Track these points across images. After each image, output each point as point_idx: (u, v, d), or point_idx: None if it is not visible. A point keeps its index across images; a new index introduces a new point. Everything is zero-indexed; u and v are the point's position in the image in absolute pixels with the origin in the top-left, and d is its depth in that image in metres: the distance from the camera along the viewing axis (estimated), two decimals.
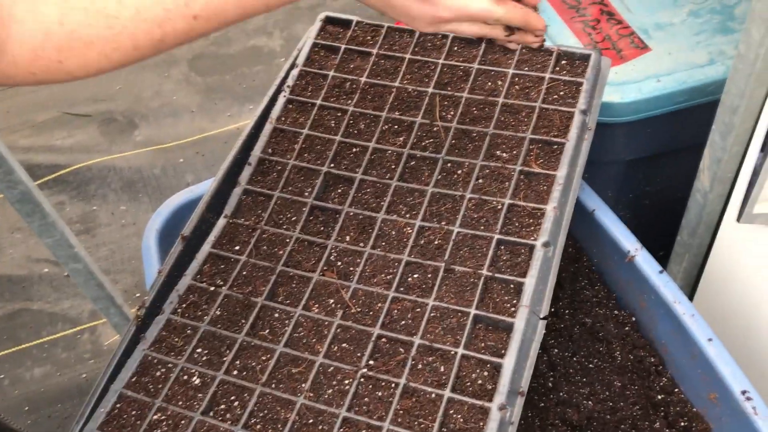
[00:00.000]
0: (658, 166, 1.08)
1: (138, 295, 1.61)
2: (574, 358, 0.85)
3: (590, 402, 0.81)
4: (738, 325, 0.92)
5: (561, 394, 0.83)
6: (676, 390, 0.81)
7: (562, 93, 0.79)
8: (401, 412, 0.62)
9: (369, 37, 0.89)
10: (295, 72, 0.88)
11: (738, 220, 0.78)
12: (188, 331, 0.71)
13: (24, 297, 1.63)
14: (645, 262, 0.79)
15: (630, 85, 0.94)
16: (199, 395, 0.67)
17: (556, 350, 0.86)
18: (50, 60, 0.52)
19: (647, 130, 0.98)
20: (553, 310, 0.88)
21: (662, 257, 1.11)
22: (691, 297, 1.05)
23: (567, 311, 0.88)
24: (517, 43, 0.69)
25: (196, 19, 0.55)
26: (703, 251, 0.99)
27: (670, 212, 1.05)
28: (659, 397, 0.81)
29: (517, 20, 0.65)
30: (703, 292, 1.00)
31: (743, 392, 0.69)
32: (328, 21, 0.92)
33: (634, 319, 0.85)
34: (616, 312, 0.87)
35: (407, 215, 0.75)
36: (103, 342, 1.54)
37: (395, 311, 0.69)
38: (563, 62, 0.82)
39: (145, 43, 0.54)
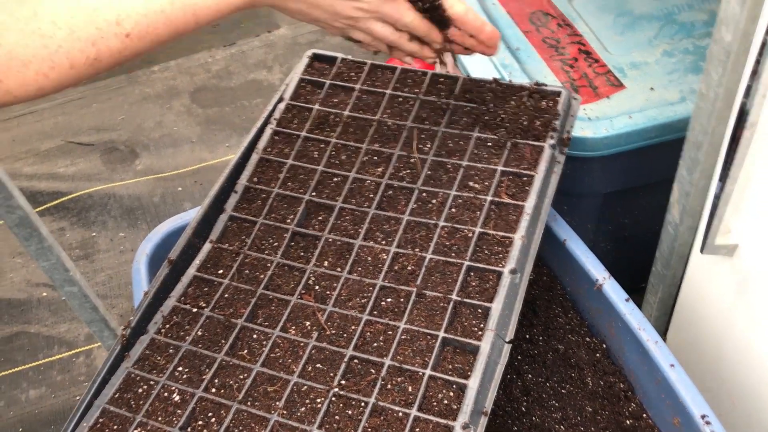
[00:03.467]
0: (634, 199, 1.11)
1: None
2: (547, 384, 0.88)
3: (562, 427, 0.84)
4: (709, 353, 0.95)
5: (534, 418, 0.85)
6: (644, 415, 0.83)
7: (533, 128, 0.82)
8: (369, 429, 0.65)
9: (353, 74, 0.93)
10: (282, 105, 0.92)
11: (701, 251, 0.81)
12: (170, 350, 0.75)
13: (22, 320, 1.66)
14: (612, 290, 0.82)
15: (603, 121, 0.98)
16: (179, 411, 0.70)
17: (529, 375, 0.89)
18: None
19: (621, 164, 1.02)
20: (527, 336, 0.91)
21: (643, 289, 1.14)
22: (666, 327, 1.08)
23: (541, 338, 0.91)
24: (415, 56, 0.77)
25: (129, 37, 0.59)
26: (677, 282, 1.02)
27: (648, 244, 1.08)
28: (628, 422, 0.83)
29: (423, 30, 0.73)
30: (677, 322, 1.03)
31: (703, 416, 0.72)
32: (315, 58, 0.96)
33: (604, 345, 0.88)
34: (587, 339, 0.89)
35: (383, 242, 0.79)
36: (97, 365, 1.57)
37: (368, 333, 0.72)
38: (536, 98, 0.86)
39: (81, 61, 0.57)
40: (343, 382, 0.69)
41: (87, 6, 0.57)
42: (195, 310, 0.78)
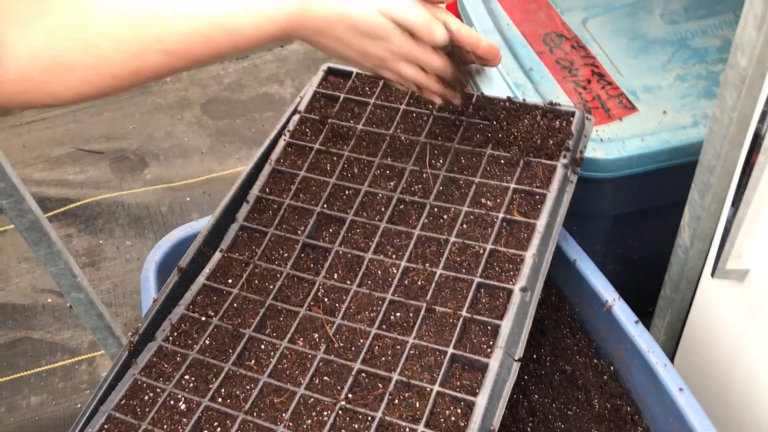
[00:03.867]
0: (644, 222, 1.11)
1: None
2: (554, 405, 0.87)
3: None
4: (717, 379, 0.94)
5: None
6: None
7: (546, 147, 0.83)
8: None
9: (367, 88, 0.94)
10: (296, 118, 0.93)
11: (712, 275, 0.81)
12: (178, 359, 0.74)
13: (26, 326, 1.66)
14: (621, 311, 0.82)
15: (615, 142, 0.98)
16: (184, 420, 0.69)
17: (536, 396, 0.88)
18: (36, 81, 0.57)
19: (632, 186, 1.02)
20: (535, 356, 0.91)
21: (651, 313, 1.14)
22: (674, 351, 1.07)
23: (548, 358, 0.91)
24: (442, 99, 0.78)
25: (170, 55, 0.61)
26: (685, 306, 1.01)
27: (657, 267, 1.08)
28: None
29: (450, 75, 0.75)
30: (685, 346, 1.02)
31: None
32: (330, 72, 0.97)
33: (612, 368, 0.87)
34: (595, 361, 0.89)
35: (394, 256, 0.79)
36: (100, 373, 1.56)
37: (376, 347, 0.72)
38: (549, 118, 0.86)
39: (123, 73, 0.60)
40: (350, 395, 0.69)
41: (134, 21, 0.60)
42: (203, 318, 0.78)
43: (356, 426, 0.67)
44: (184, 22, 0.61)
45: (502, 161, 0.83)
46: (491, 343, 0.70)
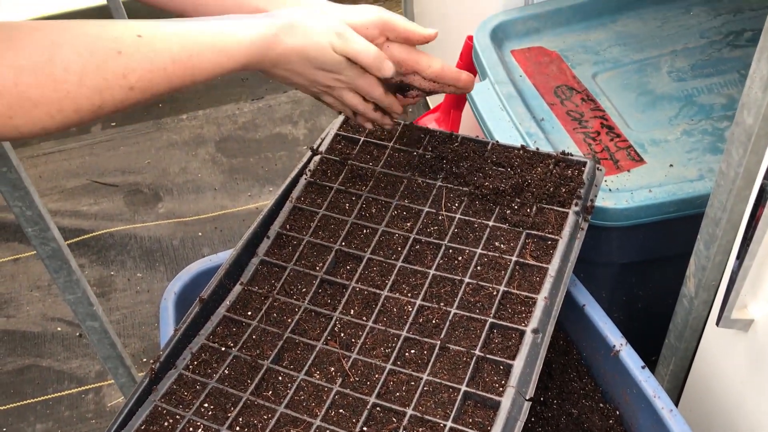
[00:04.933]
0: (650, 271, 1.14)
1: (145, 359, 1.65)
2: None
3: None
4: (720, 426, 0.95)
5: None
6: None
7: (558, 195, 0.86)
8: None
9: (386, 133, 0.98)
10: (317, 158, 0.97)
11: (717, 324, 0.83)
12: (197, 387, 0.77)
13: (35, 353, 1.68)
14: (628, 356, 0.84)
15: (624, 193, 1.02)
16: None
17: None
18: (1, 116, 0.59)
19: (639, 236, 1.05)
20: (542, 399, 0.92)
21: (654, 362, 1.15)
22: (678, 399, 1.09)
23: (555, 401, 0.92)
24: (376, 123, 0.86)
25: (132, 90, 0.64)
26: (689, 355, 1.03)
27: (662, 316, 1.10)
28: None
29: (387, 103, 0.82)
30: (689, 394, 1.04)
31: None
32: None
33: (618, 412, 0.89)
34: (601, 405, 0.91)
35: (409, 294, 0.81)
36: (106, 403, 1.57)
37: (391, 383, 0.74)
38: (562, 167, 0.89)
39: (86, 107, 0.62)
40: (365, 429, 0.71)
41: (98, 58, 0.62)
42: (223, 349, 0.80)
43: None
44: (148, 60, 0.64)
45: (516, 207, 0.86)
46: (503, 382, 0.72)
